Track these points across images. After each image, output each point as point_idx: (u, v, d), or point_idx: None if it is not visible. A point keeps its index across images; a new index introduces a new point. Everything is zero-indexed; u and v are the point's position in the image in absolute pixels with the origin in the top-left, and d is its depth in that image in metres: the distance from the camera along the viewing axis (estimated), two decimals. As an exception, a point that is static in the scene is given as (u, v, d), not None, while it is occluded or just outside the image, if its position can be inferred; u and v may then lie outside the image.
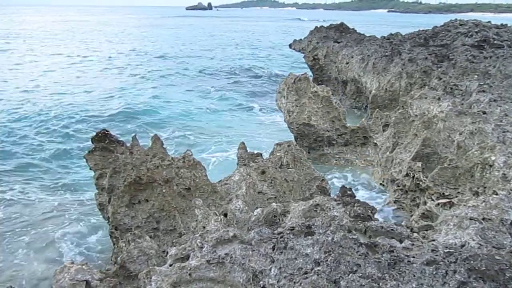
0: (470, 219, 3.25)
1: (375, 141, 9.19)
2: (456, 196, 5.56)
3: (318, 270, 2.70)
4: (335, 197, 3.82)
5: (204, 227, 4.09)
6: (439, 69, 10.97)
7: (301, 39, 23.09)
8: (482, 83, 8.85)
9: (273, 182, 5.52)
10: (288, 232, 3.10)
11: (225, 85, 21.76)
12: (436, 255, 2.71)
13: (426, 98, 8.23)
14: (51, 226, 7.19)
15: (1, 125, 13.50)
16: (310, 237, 3.00)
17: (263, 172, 5.57)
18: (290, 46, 24.89)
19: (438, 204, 4.95)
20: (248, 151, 6.27)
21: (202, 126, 14.14)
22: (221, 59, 31.97)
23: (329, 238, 2.90)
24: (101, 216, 6.12)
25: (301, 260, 2.82)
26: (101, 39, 46.83)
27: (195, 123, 14.47)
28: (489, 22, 13.53)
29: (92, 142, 5.50)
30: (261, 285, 2.80)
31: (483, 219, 3.23)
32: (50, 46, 37.49)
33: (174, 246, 3.65)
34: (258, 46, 42.51)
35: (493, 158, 5.51)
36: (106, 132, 5.52)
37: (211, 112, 16.35)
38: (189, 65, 28.21)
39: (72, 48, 36.34)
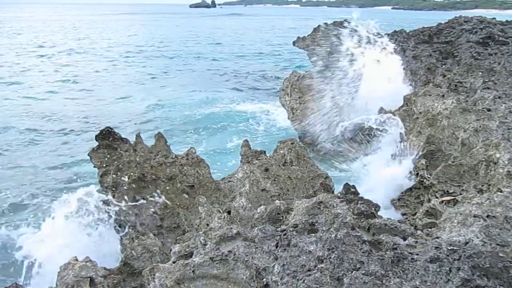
0: (474, 216, 3.24)
1: (379, 139, 9.15)
2: (460, 194, 5.53)
3: (321, 267, 2.70)
4: (339, 194, 3.82)
5: (207, 225, 4.10)
6: (444, 66, 10.90)
7: (304, 37, 22.99)
8: (486, 80, 8.79)
9: (276, 179, 5.52)
10: (291, 229, 3.09)
11: (228, 83, 21.75)
12: (440, 253, 2.69)
13: (430, 95, 8.18)
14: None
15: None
16: (313, 234, 3.00)
17: (266, 170, 5.57)
18: (294, 43, 24.79)
19: (442, 201, 4.94)
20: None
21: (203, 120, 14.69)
22: (227, 57, 32.00)
23: (333, 236, 2.90)
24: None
25: (304, 257, 2.82)
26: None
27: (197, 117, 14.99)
28: (494, 18, 13.41)
29: (96, 140, 5.51)
30: (264, 282, 2.80)
31: (487, 216, 3.22)
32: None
33: (178, 243, 3.66)
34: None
35: (497, 155, 5.47)
36: (110, 130, 5.53)
37: (214, 107, 16.45)
38: (194, 64, 28.25)
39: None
